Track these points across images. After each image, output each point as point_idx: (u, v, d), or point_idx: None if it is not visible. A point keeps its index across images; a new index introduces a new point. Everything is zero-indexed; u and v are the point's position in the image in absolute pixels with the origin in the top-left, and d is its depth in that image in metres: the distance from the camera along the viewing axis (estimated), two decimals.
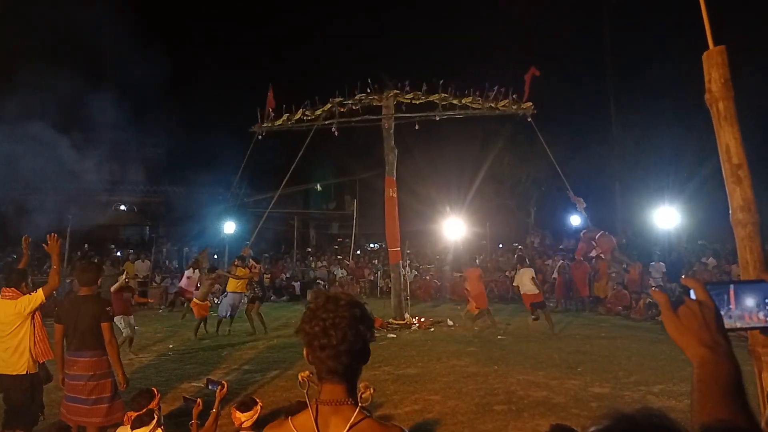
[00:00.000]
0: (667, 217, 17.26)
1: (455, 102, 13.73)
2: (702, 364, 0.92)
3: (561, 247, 22.14)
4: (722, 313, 1.00)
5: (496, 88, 13.74)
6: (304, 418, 1.62)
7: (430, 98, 13.69)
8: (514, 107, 13.85)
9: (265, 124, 14.58)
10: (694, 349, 0.95)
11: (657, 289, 14.25)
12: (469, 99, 13.73)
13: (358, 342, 1.60)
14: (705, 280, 1.04)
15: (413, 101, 13.75)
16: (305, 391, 1.70)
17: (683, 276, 1.04)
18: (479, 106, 13.83)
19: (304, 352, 1.64)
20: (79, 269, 5.39)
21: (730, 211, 1.50)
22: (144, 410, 3.96)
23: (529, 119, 14.09)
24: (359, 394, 1.65)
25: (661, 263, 16.69)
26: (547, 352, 9.57)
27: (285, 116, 14.26)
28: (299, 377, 1.77)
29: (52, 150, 19.03)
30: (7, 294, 5.21)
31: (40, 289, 5.21)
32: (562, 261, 17.52)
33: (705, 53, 1.55)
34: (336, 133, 13.87)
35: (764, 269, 1.15)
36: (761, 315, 1.04)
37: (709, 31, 1.54)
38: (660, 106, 21.81)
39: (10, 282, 5.33)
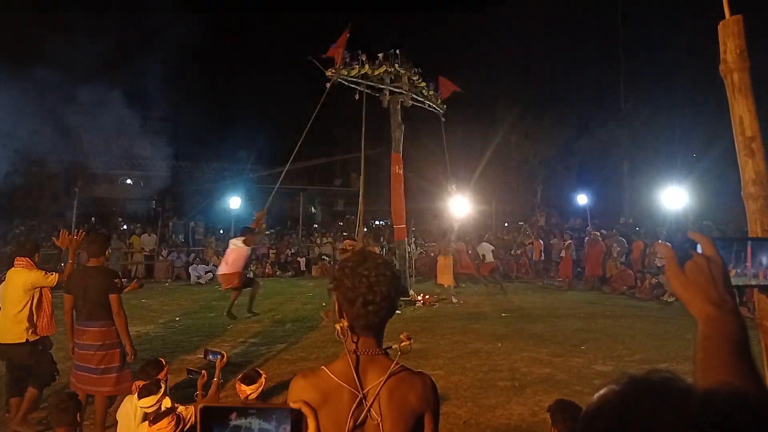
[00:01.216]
0: (674, 198, 17.14)
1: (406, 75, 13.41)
2: (708, 321, 0.88)
3: (566, 226, 22.10)
4: (738, 270, 0.97)
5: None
6: (342, 365, 1.68)
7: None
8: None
9: (341, 69, 12.58)
10: (699, 306, 0.91)
11: (663, 246, 14.22)
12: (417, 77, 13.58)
13: (396, 299, 1.71)
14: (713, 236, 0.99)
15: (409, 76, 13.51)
16: (344, 340, 1.73)
17: (690, 230, 0.98)
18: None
19: (335, 307, 1.73)
20: (88, 240, 5.42)
21: (742, 185, 1.47)
22: (151, 380, 4.00)
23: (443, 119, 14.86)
24: (400, 344, 1.77)
25: (668, 243, 16.64)
26: (551, 330, 9.60)
27: (356, 66, 12.76)
28: (336, 327, 1.74)
29: (59, 122, 19.07)
30: (20, 263, 5.32)
31: (56, 274, 5.35)
32: (570, 240, 17.49)
33: (721, 23, 1.52)
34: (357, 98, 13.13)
35: None
36: None
37: (726, 0, 1.50)
38: (670, 86, 21.57)
39: (24, 251, 5.42)
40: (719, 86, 1.59)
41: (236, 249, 10.19)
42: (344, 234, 23.84)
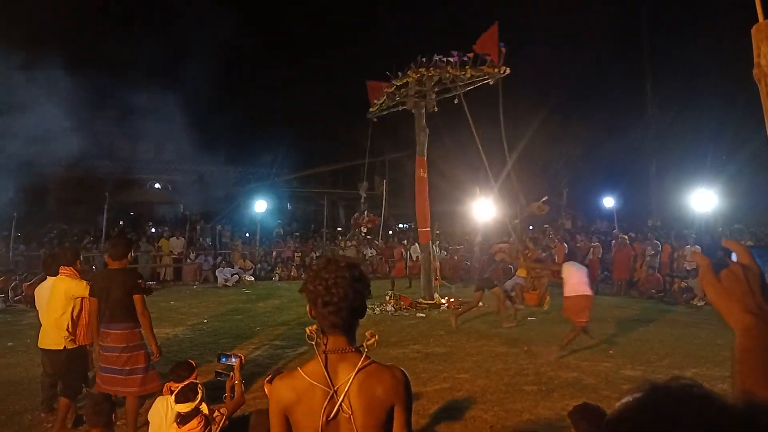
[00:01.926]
0: (704, 200, 16.82)
1: (450, 74, 13.14)
2: (746, 332, 0.85)
3: (593, 229, 21.85)
4: None
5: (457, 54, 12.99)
6: (314, 366, 1.81)
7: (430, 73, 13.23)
8: (491, 71, 12.99)
9: (373, 110, 15.00)
10: (737, 316, 0.87)
11: (693, 261, 13.97)
12: (455, 70, 13.06)
13: (357, 299, 1.80)
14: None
15: (433, 77, 13.41)
16: (313, 342, 1.88)
17: (725, 238, 0.95)
18: (456, 74, 13.10)
19: (308, 309, 1.85)
20: (111, 243, 5.58)
21: None
22: (186, 382, 4.05)
23: (491, 83, 13.31)
24: (365, 342, 1.85)
25: (697, 246, 16.35)
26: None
27: (379, 102, 14.46)
28: (307, 330, 1.93)
29: (91, 128, 19.49)
30: (64, 272, 5.52)
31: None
32: (597, 243, 17.29)
33: (755, 26, 1.50)
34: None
35: None
36: None
37: (759, 3, 1.48)
38: (698, 86, 21.22)
39: (66, 260, 5.62)
40: (748, 87, 1.58)
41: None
42: (368, 237, 23.93)
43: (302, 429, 1.78)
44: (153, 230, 22.05)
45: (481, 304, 13.11)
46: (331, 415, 1.73)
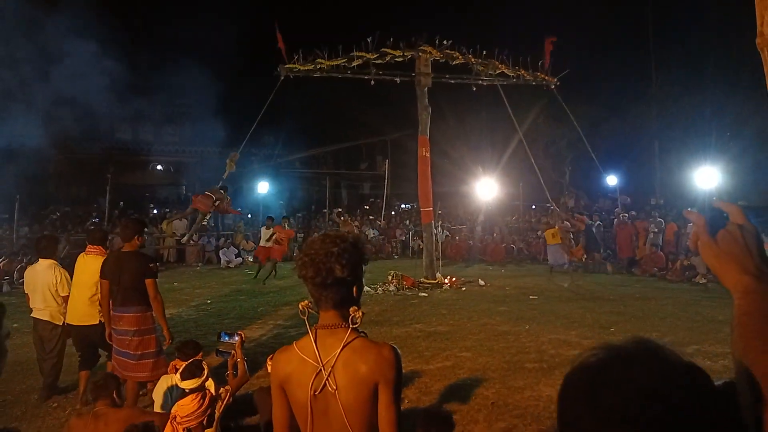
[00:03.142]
0: (707, 178, 16.75)
1: (486, 68, 13.64)
2: (746, 294, 0.82)
3: (595, 207, 21.80)
4: None
5: (524, 56, 14.01)
6: (306, 341, 1.83)
7: (467, 59, 13.41)
8: (542, 77, 14.42)
9: (288, 65, 13.13)
10: (736, 278, 0.84)
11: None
12: (504, 67, 13.80)
13: (347, 273, 1.76)
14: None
15: (448, 61, 13.45)
16: (305, 318, 1.89)
17: (716, 199, 0.91)
18: (512, 74, 13.99)
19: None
20: (122, 225, 5.58)
21: None
22: (191, 360, 4.08)
23: (553, 87, 14.85)
24: (349, 318, 1.82)
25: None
26: (579, 312, 9.54)
27: (315, 61, 13.12)
28: (299, 306, 1.95)
29: (91, 110, 19.41)
30: (92, 251, 5.64)
31: None
32: (599, 222, 17.27)
33: None
34: (372, 83, 13.43)
35: None
36: None
37: None
38: (702, 63, 20.98)
39: (95, 240, 5.74)
40: (752, 64, 1.56)
41: None
42: (371, 217, 23.94)
43: (295, 402, 1.81)
44: (155, 211, 22.08)
45: (482, 282, 13.21)
46: (318, 390, 1.75)
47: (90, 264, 5.55)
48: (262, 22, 31.52)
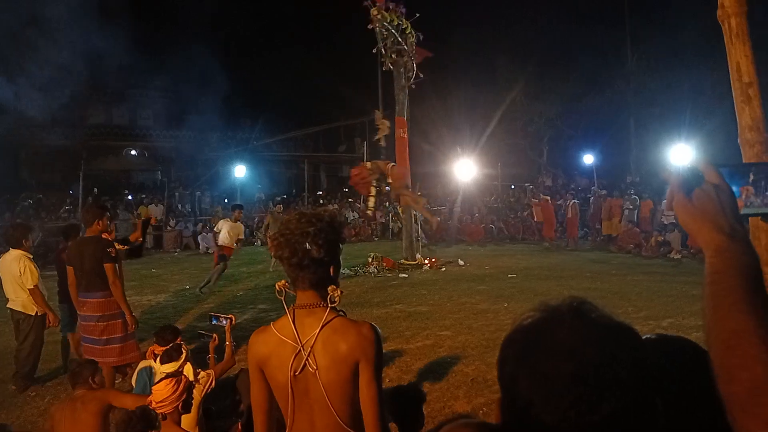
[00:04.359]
0: (682, 155, 16.99)
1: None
2: (718, 253, 0.82)
3: (572, 186, 22.01)
4: (760, 199, 0.91)
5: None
6: (284, 321, 1.81)
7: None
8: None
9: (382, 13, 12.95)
10: (709, 236, 0.84)
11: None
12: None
13: (323, 252, 1.74)
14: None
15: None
16: (282, 298, 1.87)
17: (694, 158, 0.91)
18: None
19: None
20: (83, 210, 5.52)
21: (739, 131, 1.47)
22: (171, 345, 4.06)
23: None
24: (328, 297, 1.79)
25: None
26: (557, 289, 9.67)
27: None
28: (276, 286, 1.92)
29: (63, 94, 18.96)
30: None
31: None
32: (574, 201, 17.45)
33: None
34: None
35: None
36: None
37: None
38: (679, 40, 21.11)
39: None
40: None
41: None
42: (350, 200, 23.89)
43: (274, 383, 1.79)
44: (130, 197, 21.76)
45: (461, 262, 13.31)
46: (298, 370, 1.73)
47: None
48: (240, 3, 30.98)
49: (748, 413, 0.70)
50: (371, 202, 12.28)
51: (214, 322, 4.61)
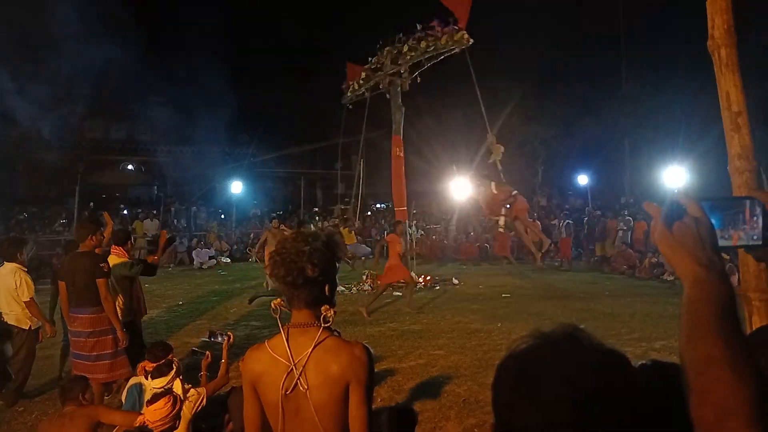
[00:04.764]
0: (675, 177, 17.12)
1: (422, 47, 12.58)
2: (695, 284, 0.86)
3: (566, 206, 22.10)
4: (738, 231, 0.94)
5: (435, 24, 12.28)
6: (278, 340, 1.81)
7: (404, 49, 12.93)
8: (451, 41, 12.02)
9: (348, 95, 15.61)
10: (687, 267, 0.88)
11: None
12: (425, 42, 12.44)
13: (318, 272, 1.75)
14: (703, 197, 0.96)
15: (407, 54, 13.20)
16: (277, 316, 1.87)
17: (677, 191, 0.95)
18: (423, 46, 12.47)
19: None
20: (77, 226, 5.55)
21: (728, 159, 1.50)
22: (163, 361, 4.05)
23: (465, 51, 12.20)
24: (321, 317, 1.80)
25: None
26: (551, 309, 9.67)
27: (352, 85, 15.05)
28: (272, 304, 1.92)
29: (59, 108, 19.02)
30: (115, 251, 5.77)
31: (141, 265, 5.92)
32: (568, 221, 17.52)
33: None
34: (388, 96, 13.81)
35: (760, 191, 1.04)
36: (757, 233, 0.94)
37: None
38: (672, 63, 21.40)
39: (118, 241, 5.85)
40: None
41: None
42: (345, 217, 23.87)
43: (266, 401, 1.80)
44: (125, 212, 21.74)
45: (455, 281, 13.30)
46: (290, 390, 1.74)
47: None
48: (237, 19, 31.25)
49: None
50: (502, 221, 12.45)
51: (212, 338, 4.60)
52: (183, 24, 24.19)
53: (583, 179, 21.95)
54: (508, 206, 12.28)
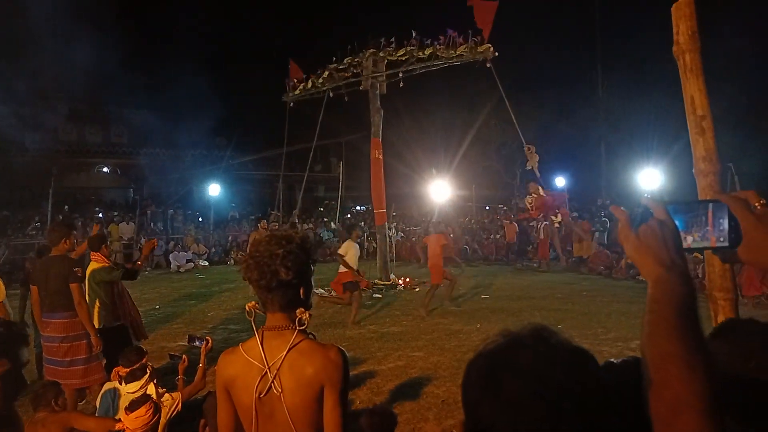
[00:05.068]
0: (650, 179, 17.41)
1: (420, 54, 12.91)
2: (656, 284, 0.88)
3: None
4: (699, 234, 0.97)
5: (451, 32, 12.65)
6: (252, 343, 1.80)
7: (398, 53, 13.14)
8: (474, 52, 12.48)
9: (291, 94, 15.62)
10: (650, 268, 0.90)
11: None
12: (431, 49, 12.75)
13: (292, 275, 1.73)
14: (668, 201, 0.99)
15: (387, 58, 13.39)
16: (252, 319, 1.87)
17: (645, 196, 0.98)
18: (443, 54, 12.76)
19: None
20: (48, 229, 5.44)
21: (693, 162, 1.54)
22: (137, 365, 4.00)
23: (489, 65, 12.72)
24: (296, 319, 1.79)
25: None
26: (529, 310, 9.77)
27: (301, 86, 15.13)
28: (246, 307, 1.91)
29: (33, 110, 18.68)
30: (94, 257, 5.57)
31: (121, 270, 5.73)
32: (545, 222, 17.67)
33: (674, 5, 1.57)
34: (331, 96, 14.03)
35: (724, 194, 1.09)
36: (724, 236, 0.96)
37: None
38: (646, 68, 21.77)
39: (93, 247, 5.63)
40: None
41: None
42: (325, 219, 23.84)
43: (240, 404, 1.79)
44: (101, 215, 21.41)
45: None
46: (264, 393, 1.72)
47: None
48: (213, 22, 31.00)
49: (668, 427, 0.76)
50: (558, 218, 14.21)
51: (192, 343, 4.55)
52: (160, 26, 23.96)
53: (560, 181, 22.18)
54: (557, 209, 13.10)
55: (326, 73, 14.22)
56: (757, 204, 0.93)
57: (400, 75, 13.37)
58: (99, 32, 19.81)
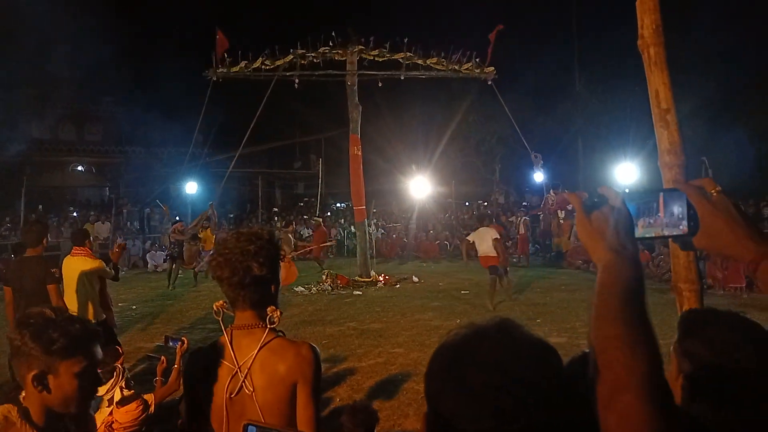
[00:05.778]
0: (627, 173, 17.62)
1: (419, 62, 13.54)
2: (605, 268, 0.89)
3: (524, 203, 22.48)
4: (651, 221, 0.98)
5: (459, 51, 13.74)
6: (221, 342, 1.76)
7: (395, 56, 13.44)
8: (477, 71, 13.90)
9: (220, 69, 13.43)
10: (600, 253, 0.91)
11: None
12: (434, 60, 13.57)
13: (262, 271, 1.70)
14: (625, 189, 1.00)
15: (377, 58, 13.48)
16: (220, 318, 1.82)
17: (602, 186, 0.99)
18: (443, 68, 13.71)
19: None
20: (24, 230, 5.33)
21: (658, 154, 1.55)
22: (108, 368, 3.94)
23: (490, 83, 14.35)
24: (267, 317, 1.76)
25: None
26: (508, 304, 9.83)
27: (243, 63, 13.39)
28: (214, 306, 1.85)
29: (5, 107, 18.28)
30: (78, 252, 5.50)
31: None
32: (525, 217, 17.83)
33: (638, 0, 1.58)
34: (297, 86, 13.57)
35: (681, 182, 1.10)
36: (683, 224, 0.97)
37: None
38: (623, 63, 21.99)
39: (77, 241, 5.59)
40: (670, 62, 1.65)
41: None
42: (305, 217, 23.74)
43: (210, 405, 1.75)
44: (75, 214, 21.07)
45: (416, 279, 13.38)
46: (235, 393, 1.70)
47: (72, 265, 5.39)
48: (192, 19, 30.64)
49: (607, 408, 0.77)
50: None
51: (169, 344, 4.50)
52: (133, 20, 23.58)
53: (539, 177, 22.35)
54: (570, 207, 13.60)
55: (289, 57, 13.25)
56: (713, 191, 0.93)
57: (401, 78, 13.76)
58: (73, 28, 19.47)
